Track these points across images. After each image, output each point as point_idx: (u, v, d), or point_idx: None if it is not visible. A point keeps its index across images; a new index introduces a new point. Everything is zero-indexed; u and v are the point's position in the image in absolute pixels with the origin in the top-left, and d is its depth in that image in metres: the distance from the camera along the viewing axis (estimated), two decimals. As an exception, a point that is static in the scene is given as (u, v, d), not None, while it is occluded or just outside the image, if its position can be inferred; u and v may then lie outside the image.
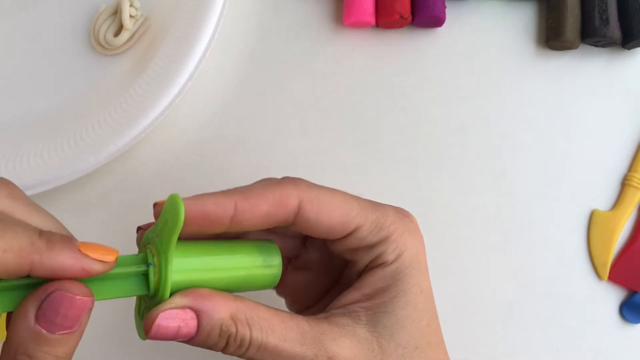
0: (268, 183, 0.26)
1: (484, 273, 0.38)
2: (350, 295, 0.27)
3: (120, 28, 0.41)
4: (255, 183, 0.27)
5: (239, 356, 0.25)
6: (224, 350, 0.25)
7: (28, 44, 0.43)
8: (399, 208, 0.28)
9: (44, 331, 0.21)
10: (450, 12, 0.41)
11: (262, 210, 0.25)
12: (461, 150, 0.39)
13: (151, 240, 0.25)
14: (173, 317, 0.23)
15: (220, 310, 0.24)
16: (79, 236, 0.23)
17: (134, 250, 0.28)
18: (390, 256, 0.27)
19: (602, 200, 0.38)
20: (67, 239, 0.22)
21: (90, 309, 0.22)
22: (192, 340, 0.24)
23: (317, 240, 0.30)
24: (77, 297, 0.22)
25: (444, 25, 0.40)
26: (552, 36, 0.39)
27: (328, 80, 0.41)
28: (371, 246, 0.27)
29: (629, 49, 0.40)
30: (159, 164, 0.40)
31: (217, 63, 0.41)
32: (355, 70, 0.41)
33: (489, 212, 0.38)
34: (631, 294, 0.37)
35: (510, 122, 0.40)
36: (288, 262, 0.31)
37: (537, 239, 0.38)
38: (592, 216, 0.38)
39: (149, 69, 0.39)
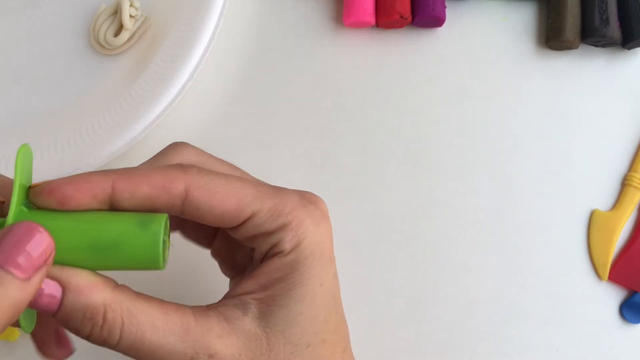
0: (156, 166, 0.25)
1: (484, 273, 0.38)
2: (245, 285, 0.25)
3: (120, 28, 0.41)
4: (144, 163, 0.26)
5: (108, 348, 0.23)
6: (89, 338, 0.23)
7: (28, 44, 0.43)
8: (307, 193, 0.27)
9: None
10: (450, 12, 0.41)
11: (143, 192, 0.23)
12: (461, 150, 0.39)
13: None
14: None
15: (92, 294, 0.23)
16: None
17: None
18: (287, 245, 0.25)
19: (602, 200, 0.38)
20: None
21: (48, 265, 0.21)
22: (53, 315, 0.23)
23: None
24: (42, 232, 0.21)
25: (444, 25, 0.40)
26: (552, 36, 0.39)
27: (328, 80, 0.41)
28: (268, 234, 0.25)
29: (629, 49, 0.40)
30: (159, 164, 0.40)
31: (217, 63, 0.41)
32: (355, 70, 0.41)
33: (489, 212, 0.38)
34: (631, 294, 0.37)
35: (510, 122, 0.40)
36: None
37: (537, 239, 0.38)
38: (592, 216, 0.38)
39: (149, 69, 0.39)
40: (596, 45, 0.40)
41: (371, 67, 0.41)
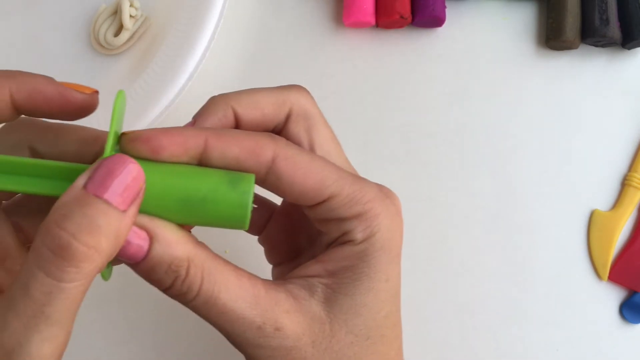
0: (246, 131, 0.24)
1: (484, 273, 0.38)
2: (313, 268, 0.25)
3: (120, 28, 0.41)
4: (234, 129, 0.26)
5: (182, 303, 0.23)
6: (168, 291, 0.23)
7: (28, 44, 0.43)
8: (384, 187, 0.26)
9: (90, 194, 0.20)
10: (450, 12, 0.41)
11: (233, 153, 0.23)
12: (461, 150, 0.39)
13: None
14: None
15: (178, 247, 0.22)
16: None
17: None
18: (359, 234, 0.24)
19: (602, 200, 0.38)
20: None
21: (140, 198, 0.21)
22: (136, 265, 0.22)
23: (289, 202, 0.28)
24: (133, 162, 0.21)
25: (444, 25, 0.40)
26: (552, 36, 0.39)
27: (328, 80, 0.41)
28: (342, 220, 0.25)
29: (629, 49, 0.40)
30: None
31: (217, 63, 0.41)
32: (355, 70, 0.41)
33: (489, 212, 0.38)
34: (631, 294, 0.37)
35: (510, 122, 0.40)
36: (271, 213, 0.30)
37: (537, 239, 0.38)
38: (592, 216, 0.38)
39: (149, 69, 0.39)
40: (596, 45, 0.40)
41: (371, 67, 0.41)
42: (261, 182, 0.24)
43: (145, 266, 0.22)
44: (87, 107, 0.24)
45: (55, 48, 0.42)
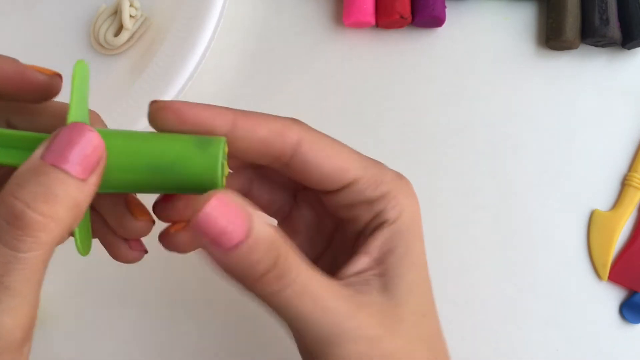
0: (272, 115, 0.24)
1: (484, 273, 0.38)
2: (361, 262, 0.25)
3: (120, 28, 0.41)
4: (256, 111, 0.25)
5: (270, 298, 0.21)
6: (262, 278, 0.21)
7: (28, 44, 0.43)
8: (395, 171, 0.27)
9: (46, 162, 0.19)
10: (450, 12, 0.41)
11: (260, 134, 0.23)
12: (461, 150, 0.39)
13: None
14: (227, 205, 0.20)
15: (267, 226, 0.21)
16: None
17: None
18: (392, 213, 0.25)
19: (602, 200, 0.38)
20: None
21: (103, 164, 0.20)
22: (233, 249, 0.20)
23: (309, 195, 0.28)
24: (92, 131, 0.20)
25: (444, 25, 0.40)
26: (552, 36, 0.39)
27: (328, 80, 0.41)
28: (371, 201, 0.25)
29: (629, 49, 0.40)
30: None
31: (217, 63, 0.41)
32: (355, 70, 0.41)
33: (489, 212, 0.38)
34: (631, 294, 0.37)
35: (510, 122, 0.40)
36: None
37: (537, 239, 0.38)
38: (592, 216, 0.38)
39: (149, 69, 0.39)
40: (596, 45, 0.40)
41: (371, 67, 0.41)
42: (285, 166, 0.24)
43: (244, 249, 0.20)
44: (48, 89, 0.24)
45: (55, 48, 0.42)
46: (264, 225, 0.21)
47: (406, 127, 0.40)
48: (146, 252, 0.25)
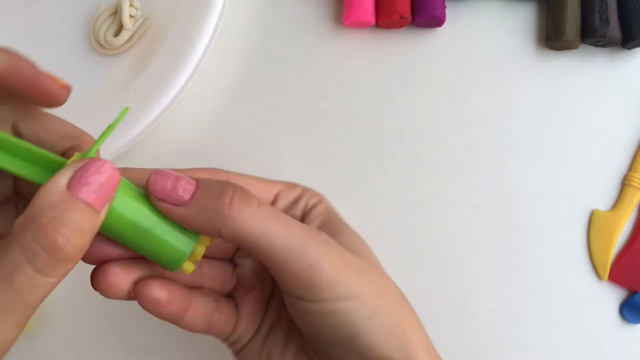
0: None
1: (484, 273, 0.38)
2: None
3: (120, 28, 0.41)
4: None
5: (245, 225, 0.24)
6: (232, 206, 0.24)
7: (28, 44, 0.42)
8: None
9: (74, 194, 0.21)
10: (450, 12, 0.41)
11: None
12: (461, 150, 0.39)
13: None
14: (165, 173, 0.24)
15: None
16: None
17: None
18: (313, 199, 0.30)
19: (602, 200, 0.38)
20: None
21: (110, 200, 0.23)
22: (193, 196, 0.24)
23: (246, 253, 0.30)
24: (110, 165, 0.22)
25: (444, 25, 0.40)
26: (552, 36, 0.39)
27: (328, 80, 0.41)
28: (296, 200, 0.30)
29: (629, 49, 0.40)
30: (159, 163, 0.40)
31: (218, 63, 0.42)
32: (355, 70, 0.41)
33: (489, 212, 0.38)
34: (631, 294, 0.37)
35: (510, 122, 0.40)
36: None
37: (537, 239, 0.38)
38: (592, 216, 0.38)
39: (149, 69, 0.39)
40: (596, 45, 0.40)
41: (371, 67, 0.41)
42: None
43: (203, 187, 0.24)
44: (53, 98, 0.25)
45: (55, 48, 0.42)
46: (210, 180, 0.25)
47: (406, 127, 0.40)
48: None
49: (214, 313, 0.28)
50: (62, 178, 0.21)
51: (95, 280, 0.25)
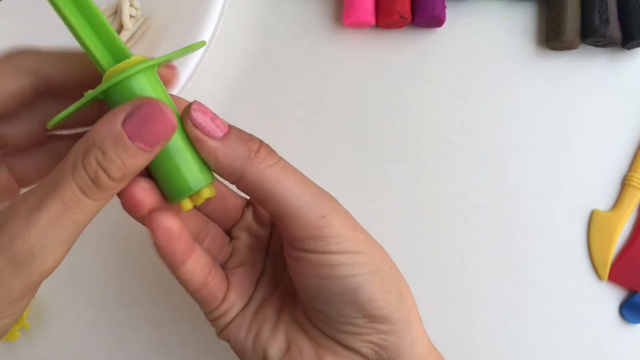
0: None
1: (484, 273, 0.38)
2: None
3: (120, 28, 0.41)
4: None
5: (263, 172, 0.25)
6: (258, 154, 0.25)
7: (28, 44, 0.42)
8: None
9: (126, 135, 0.23)
10: (450, 12, 0.41)
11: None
12: (461, 150, 0.39)
13: None
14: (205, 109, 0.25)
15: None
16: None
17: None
18: None
19: (602, 200, 0.38)
20: None
21: (171, 135, 0.24)
22: (227, 134, 0.25)
23: (243, 225, 0.31)
24: (168, 113, 0.23)
25: (444, 25, 0.40)
26: (552, 36, 0.39)
27: (328, 80, 0.41)
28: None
29: (629, 49, 0.40)
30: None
31: (218, 63, 0.42)
32: (355, 70, 0.41)
33: (489, 212, 0.38)
34: (631, 294, 0.37)
35: (510, 122, 0.40)
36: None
37: (537, 239, 0.38)
38: (592, 216, 0.38)
39: (149, 69, 0.39)
40: (596, 45, 0.40)
41: (371, 67, 0.41)
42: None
43: (235, 131, 0.26)
44: (169, 83, 0.27)
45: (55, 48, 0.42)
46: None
47: (406, 127, 0.40)
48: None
49: (210, 269, 0.29)
50: (120, 114, 0.23)
51: (123, 191, 0.26)
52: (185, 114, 0.25)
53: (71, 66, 0.27)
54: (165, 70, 0.27)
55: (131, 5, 0.41)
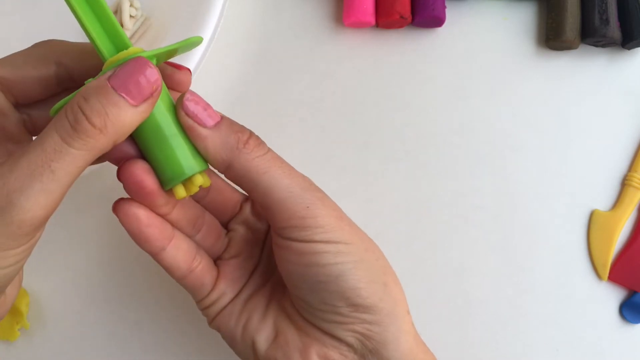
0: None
1: (483, 273, 0.38)
2: None
3: (120, 28, 0.41)
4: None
5: (252, 162, 0.26)
6: (247, 144, 0.26)
7: (28, 44, 0.42)
8: None
9: (109, 84, 0.23)
10: (450, 12, 0.41)
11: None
12: (461, 150, 0.39)
13: None
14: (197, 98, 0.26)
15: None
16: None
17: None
18: None
19: (602, 200, 0.38)
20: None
21: (157, 96, 0.24)
22: (218, 123, 0.26)
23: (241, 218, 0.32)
24: (152, 67, 0.24)
25: (444, 25, 0.40)
26: (552, 36, 0.39)
27: (328, 80, 0.41)
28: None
29: (629, 49, 0.40)
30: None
31: (218, 63, 0.42)
32: (355, 70, 0.41)
33: (489, 212, 0.38)
34: (631, 294, 0.37)
35: (510, 122, 0.40)
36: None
37: (537, 239, 0.38)
38: (592, 216, 0.38)
39: (149, 69, 0.39)
40: (596, 45, 0.40)
41: (371, 67, 0.41)
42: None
43: (227, 121, 0.27)
44: (182, 85, 0.28)
45: (55, 48, 0.42)
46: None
47: (406, 127, 0.40)
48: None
49: (195, 256, 0.29)
50: (108, 73, 0.24)
51: (123, 168, 0.26)
52: (179, 102, 0.26)
53: (91, 59, 0.28)
54: (179, 74, 0.28)
55: (131, 5, 0.41)
